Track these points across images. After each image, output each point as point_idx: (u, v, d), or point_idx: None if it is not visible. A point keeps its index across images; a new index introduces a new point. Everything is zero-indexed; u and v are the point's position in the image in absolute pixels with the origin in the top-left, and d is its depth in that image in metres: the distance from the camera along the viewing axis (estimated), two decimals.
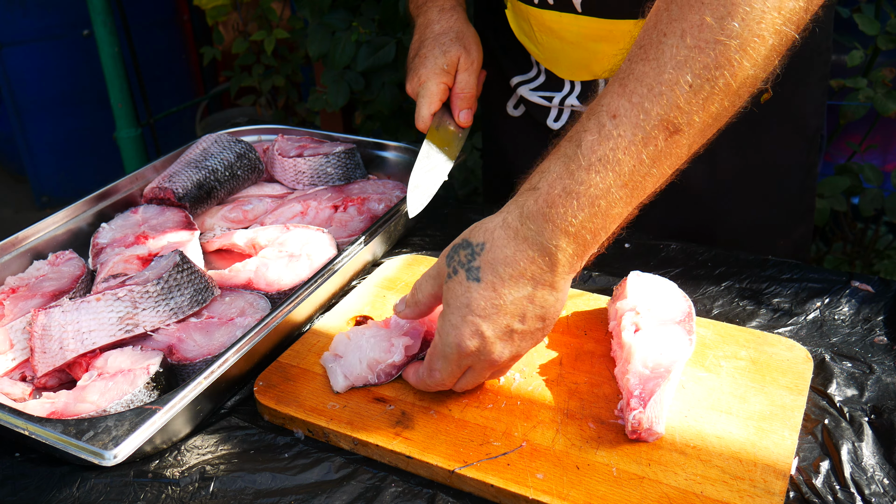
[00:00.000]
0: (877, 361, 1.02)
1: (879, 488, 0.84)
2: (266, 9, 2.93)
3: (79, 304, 1.01)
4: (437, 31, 1.32)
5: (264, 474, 0.88)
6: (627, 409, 0.88)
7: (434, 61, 1.28)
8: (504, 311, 0.85)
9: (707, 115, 0.79)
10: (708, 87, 0.77)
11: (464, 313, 0.86)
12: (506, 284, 0.84)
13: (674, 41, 0.77)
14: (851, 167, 2.23)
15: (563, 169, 0.82)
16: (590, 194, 0.81)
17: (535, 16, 1.29)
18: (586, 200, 0.81)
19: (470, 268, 0.86)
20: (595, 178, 0.80)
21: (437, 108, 1.29)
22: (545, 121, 1.42)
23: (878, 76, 2.06)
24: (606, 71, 1.29)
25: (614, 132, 0.80)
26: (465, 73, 1.28)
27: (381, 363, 0.97)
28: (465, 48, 1.29)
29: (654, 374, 0.90)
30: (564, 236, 0.82)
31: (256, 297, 1.10)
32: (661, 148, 0.80)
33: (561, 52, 1.31)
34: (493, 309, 0.85)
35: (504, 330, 0.86)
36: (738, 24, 0.75)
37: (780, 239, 1.43)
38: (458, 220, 1.41)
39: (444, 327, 0.88)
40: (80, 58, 3.63)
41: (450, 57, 1.28)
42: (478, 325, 0.85)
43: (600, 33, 1.24)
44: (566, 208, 0.81)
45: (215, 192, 1.39)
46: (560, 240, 0.82)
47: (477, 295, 0.85)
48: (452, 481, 0.86)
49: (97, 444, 0.84)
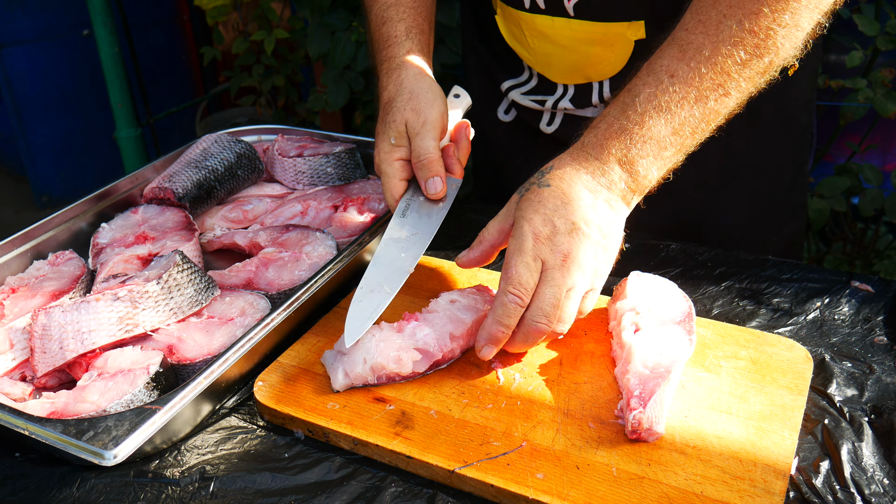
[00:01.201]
0: (877, 361, 1.02)
1: (879, 488, 0.84)
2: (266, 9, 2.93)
3: (79, 304, 1.01)
4: (385, 100, 1.19)
5: (264, 474, 0.88)
6: (627, 409, 0.88)
7: (384, 142, 1.16)
8: (570, 208, 0.95)
9: (751, 83, 0.95)
10: (755, 63, 0.94)
11: (536, 207, 0.96)
12: (572, 189, 0.96)
13: (732, 23, 0.93)
14: (851, 167, 2.23)
15: (620, 112, 0.97)
16: (642, 134, 0.95)
17: (526, 20, 1.29)
18: (639, 139, 0.95)
19: (540, 182, 0.98)
20: (648, 122, 0.95)
21: (403, 188, 1.15)
22: (538, 125, 1.41)
23: (878, 77, 2.06)
24: (599, 74, 1.29)
25: (671, 88, 0.95)
26: (417, 137, 1.13)
27: (386, 369, 0.96)
28: (412, 109, 1.14)
29: (654, 374, 0.90)
30: (618, 164, 0.96)
31: (256, 297, 1.10)
32: (710, 106, 0.95)
33: (553, 55, 1.31)
34: (562, 205, 0.95)
35: (571, 225, 0.94)
36: (787, 16, 0.92)
37: (772, 236, 1.44)
38: (458, 220, 1.41)
39: (518, 225, 0.96)
40: (80, 58, 3.63)
41: (396, 127, 1.14)
42: (549, 215, 0.95)
43: (593, 37, 1.24)
44: (621, 142, 0.96)
45: (215, 192, 1.39)
46: (614, 166, 0.97)
47: (547, 193, 0.96)
48: (452, 481, 0.86)
49: (97, 444, 0.84)
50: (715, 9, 0.94)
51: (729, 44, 0.93)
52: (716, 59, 0.94)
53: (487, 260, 1.05)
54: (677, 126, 0.95)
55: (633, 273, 1.07)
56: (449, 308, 1.03)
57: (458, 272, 1.21)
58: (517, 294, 0.93)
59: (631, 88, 0.98)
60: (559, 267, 0.93)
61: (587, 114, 1.34)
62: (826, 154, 2.41)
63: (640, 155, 0.96)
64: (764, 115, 1.30)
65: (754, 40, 0.93)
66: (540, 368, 1.00)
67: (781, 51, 0.94)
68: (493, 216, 1.03)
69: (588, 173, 0.97)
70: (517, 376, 0.98)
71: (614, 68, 1.27)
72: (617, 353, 0.99)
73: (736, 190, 1.37)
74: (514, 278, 0.93)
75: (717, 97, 0.95)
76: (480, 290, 1.10)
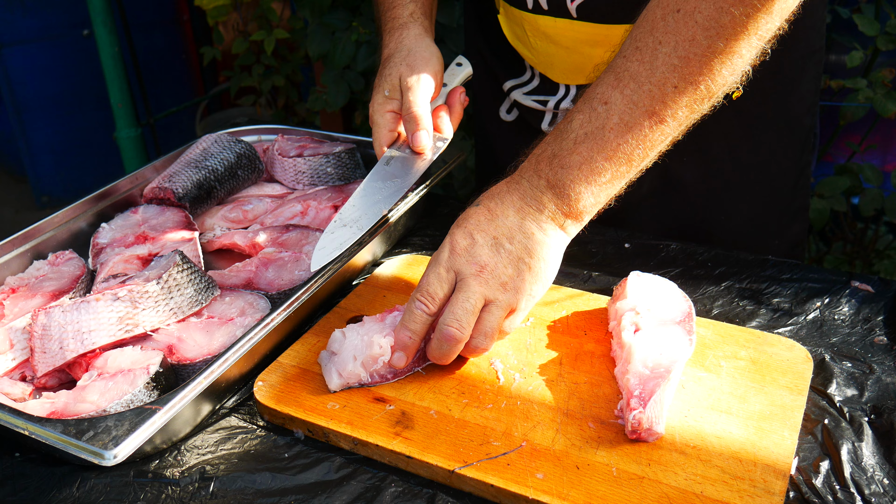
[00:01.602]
0: (877, 361, 1.02)
1: (879, 488, 0.84)
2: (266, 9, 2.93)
3: (79, 304, 1.01)
4: (384, 56, 1.24)
5: (264, 474, 0.88)
6: (627, 409, 0.88)
7: (379, 93, 1.21)
8: (494, 224, 0.96)
9: (688, 110, 0.92)
10: (691, 90, 0.90)
11: (459, 223, 0.97)
12: (499, 207, 0.97)
13: (667, 50, 0.89)
14: (851, 167, 2.23)
15: (553, 139, 0.96)
16: (572, 160, 0.94)
17: (528, 21, 1.29)
18: (569, 164, 0.94)
19: (472, 202, 0.99)
20: (580, 148, 0.93)
21: (392, 139, 1.21)
22: (539, 125, 1.41)
23: (878, 77, 2.06)
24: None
25: (604, 115, 0.92)
26: (409, 91, 1.17)
27: (376, 361, 0.96)
28: (408, 65, 1.19)
29: (654, 375, 0.90)
30: (549, 188, 0.95)
31: (256, 297, 1.10)
32: (645, 133, 0.92)
33: (555, 56, 1.31)
34: (485, 221, 0.96)
35: (492, 240, 0.95)
36: (722, 43, 0.87)
37: (774, 238, 1.44)
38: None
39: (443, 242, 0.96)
40: (80, 58, 3.63)
41: (391, 81, 1.19)
42: (469, 230, 0.96)
43: (596, 38, 1.24)
44: (552, 167, 0.95)
45: (215, 192, 1.39)
46: (545, 190, 0.96)
47: (473, 211, 0.97)
48: (452, 481, 0.86)
49: (97, 444, 0.84)
50: (651, 35, 0.91)
51: (663, 70, 0.90)
52: (649, 87, 0.90)
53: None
54: (610, 153, 0.93)
55: (633, 273, 1.07)
56: None
57: None
58: (423, 301, 0.94)
59: (567, 117, 0.96)
60: (474, 275, 0.94)
61: None
62: (826, 154, 2.42)
63: (571, 180, 0.94)
64: (768, 117, 1.30)
65: (688, 68, 0.89)
66: (540, 368, 1.00)
67: (718, 77, 0.90)
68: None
69: (519, 196, 0.97)
70: (517, 376, 0.98)
71: None
72: (617, 353, 0.99)
73: (740, 192, 1.37)
74: (423, 286, 0.95)
75: (651, 125, 0.91)
76: None
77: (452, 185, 2.60)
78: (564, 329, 1.07)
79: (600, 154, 0.93)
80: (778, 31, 0.91)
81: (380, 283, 1.19)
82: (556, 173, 0.95)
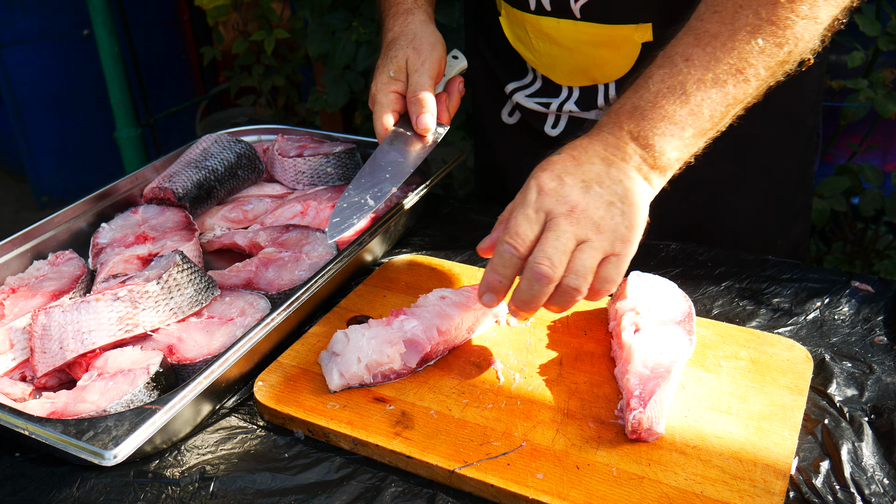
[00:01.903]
0: (877, 361, 1.02)
1: (879, 488, 0.84)
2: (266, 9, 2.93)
3: (79, 304, 1.01)
4: (389, 39, 1.25)
5: (264, 474, 0.88)
6: (627, 409, 0.88)
7: (382, 72, 1.21)
8: (582, 169, 0.93)
9: (769, 72, 0.94)
10: (775, 51, 0.93)
11: (544, 167, 0.94)
12: (584, 155, 0.94)
13: (749, 12, 0.92)
14: (851, 167, 2.23)
15: (633, 93, 0.96)
16: (655, 113, 0.93)
17: (531, 22, 1.28)
18: (652, 116, 0.93)
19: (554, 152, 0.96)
20: (661, 101, 0.93)
21: (394, 119, 1.20)
22: (542, 128, 1.41)
23: (879, 77, 2.06)
24: (605, 76, 1.28)
25: (684, 69, 0.93)
26: (415, 74, 1.18)
27: (381, 366, 0.96)
28: (414, 48, 1.20)
29: (654, 375, 0.90)
30: (632, 140, 0.94)
31: (256, 297, 1.10)
32: (729, 90, 0.93)
33: (558, 58, 1.30)
34: (572, 166, 0.93)
35: (583, 182, 0.92)
36: (805, 7, 0.92)
37: (778, 238, 1.43)
38: (458, 220, 1.41)
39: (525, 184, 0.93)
40: (80, 58, 3.64)
41: (397, 62, 1.20)
42: (558, 172, 0.93)
43: (600, 39, 1.23)
44: (633, 120, 0.94)
45: (215, 192, 1.39)
46: (628, 141, 0.94)
47: (556, 158, 0.95)
48: (452, 481, 0.86)
49: (97, 444, 0.84)
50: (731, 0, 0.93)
51: (746, 31, 0.92)
52: (733, 44, 0.92)
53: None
54: (694, 107, 0.93)
55: (634, 273, 1.07)
56: (438, 303, 1.03)
57: (458, 273, 1.21)
58: (512, 244, 0.91)
59: (645, 73, 0.97)
60: (565, 215, 0.90)
61: (592, 116, 1.34)
62: (826, 154, 2.42)
63: (655, 132, 0.93)
64: (773, 116, 1.30)
65: (772, 28, 0.92)
66: (540, 368, 1.00)
67: (800, 42, 0.93)
68: (494, 217, 1.03)
69: (602, 146, 0.95)
70: (517, 376, 0.98)
71: (620, 70, 1.26)
72: (616, 353, 0.99)
73: (744, 192, 1.37)
74: (512, 228, 0.91)
75: (735, 82, 0.93)
76: (475, 288, 1.10)
77: (452, 185, 2.59)
78: (564, 329, 1.07)
79: (683, 108, 0.93)
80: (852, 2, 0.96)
81: (380, 284, 1.19)
82: (638, 125, 0.94)
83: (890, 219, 2.17)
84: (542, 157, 0.98)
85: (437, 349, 1.00)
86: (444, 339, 1.01)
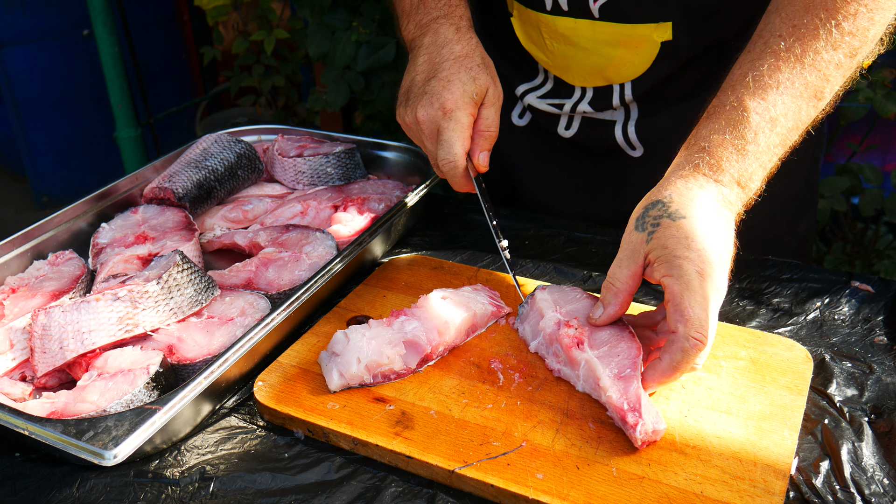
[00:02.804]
0: (877, 361, 1.02)
1: (879, 488, 0.84)
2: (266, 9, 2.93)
3: (79, 304, 1.01)
4: (459, 52, 1.15)
5: (264, 474, 0.88)
6: (628, 426, 0.86)
7: (463, 88, 1.11)
8: (714, 242, 0.90)
9: (841, 85, 0.96)
10: (851, 63, 0.95)
11: (688, 244, 0.89)
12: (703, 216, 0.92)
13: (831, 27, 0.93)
14: (851, 167, 2.23)
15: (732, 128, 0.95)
16: (757, 151, 0.94)
17: (545, 22, 1.26)
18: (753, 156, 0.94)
19: (670, 213, 0.92)
20: (760, 137, 0.94)
21: (468, 147, 1.13)
22: (555, 129, 1.39)
23: (878, 77, 2.06)
24: (621, 76, 1.27)
25: (778, 100, 0.94)
26: (492, 108, 1.14)
27: (381, 366, 0.96)
28: (493, 79, 1.15)
29: (626, 379, 0.89)
30: (736, 185, 0.95)
31: (256, 297, 1.10)
32: (809, 113, 0.96)
33: (573, 58, 1.28)
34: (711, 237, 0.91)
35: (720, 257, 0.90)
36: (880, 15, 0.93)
37: (787, 234, 1.43)
38: (458, 220, 1.41)
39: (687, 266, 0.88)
40: (80, 58, 3.64)
41: (479, 85, 1.13)
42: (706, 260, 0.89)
43: (618, 39, 1.22)
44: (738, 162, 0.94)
45: (215, 192, 1.39)
46: (733, 187, 0.95)
47: (693, 226, 0.90)
48: (452, 481, 0.86)
49: (97, 444, 0.84)
50: (809, 14, 0.93)
51: (830, 48, 0.93)
52: (819, 65, 0.93)
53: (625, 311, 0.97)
54: (784, 135, 0.95)
55: (538, 289, 1.06)
56: (439, 304, 1.03)
57: (458, 273, 1.21)
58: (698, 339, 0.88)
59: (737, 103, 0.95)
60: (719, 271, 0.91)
61: (607, 117, 1.33)
62: (826, 154, 2.41)
63: (754, 171, 0.95)
64: None
65: (853, 41, 0.93)
66: (540, 368, 1.00)
67: (867, 49, 0.95)
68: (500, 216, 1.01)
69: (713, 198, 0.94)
70: (517, 376, 0.98)
71: (637, 70, 1.25)
72: (564, 372, 0.97)
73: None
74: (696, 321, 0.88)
75: (815, 103, 0.95)
76: (477, 289, 1.10)
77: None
78: None
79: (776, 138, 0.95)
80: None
81: (380, 284, 1.19)
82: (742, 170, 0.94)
83: (890, 219, 2.17)
84: (554, 160, 0.95)
85: (437, 350, 1.00)
86: (445, 341, 1.01)
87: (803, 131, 0.98)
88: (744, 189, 0.96)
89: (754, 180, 0.96)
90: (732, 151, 0.94)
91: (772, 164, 0.97)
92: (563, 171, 1.45)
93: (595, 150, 1.39)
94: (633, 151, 1.35)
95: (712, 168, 0.95)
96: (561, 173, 1.45)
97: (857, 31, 0.93)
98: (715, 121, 0.97)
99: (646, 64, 1.24)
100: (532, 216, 1.40)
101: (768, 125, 0.94)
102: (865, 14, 0.92)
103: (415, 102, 1.13)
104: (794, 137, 0.97)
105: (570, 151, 1.42)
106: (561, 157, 1.43)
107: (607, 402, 0.90)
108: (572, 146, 1.40)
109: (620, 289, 0.95)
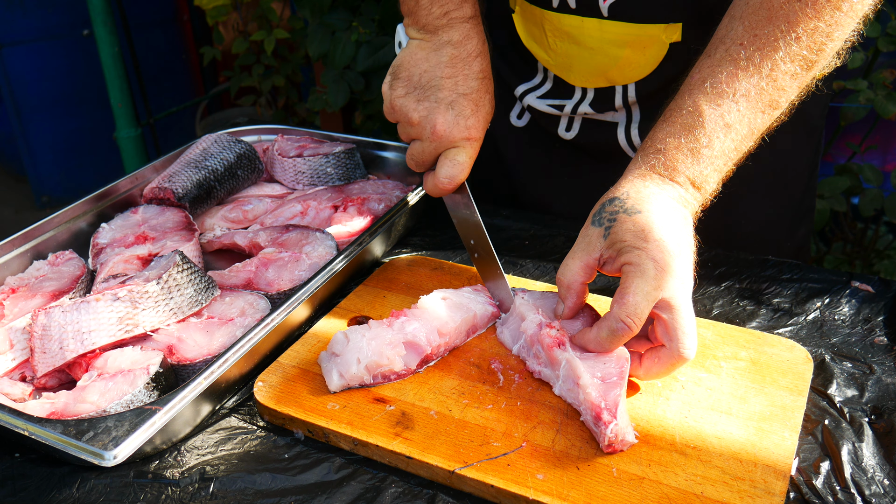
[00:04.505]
0: (877, 362, 1.01)
1: (879, 489, 0.84)
2: (266, 9, 2.93)
3: (79, 304, 1.01)
4: (477, 70, 1.12)
5: (264, 474, 0.88)
6: (601, 424, 0.86)
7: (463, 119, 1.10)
8: (670, 234, 0.91)
9: (795, 95, 0.98)
10: (805, 76, 0.97)
11: (645, 236, 0.90)
12: (663, 213, 0.92)
13: (790, 40, 0.94)
14: (851, 167, 2.23)
15: (687, 132, 0.96)
16: (712, 154, 0.96)
17: (550, 20, 1.25)
18: (708, 159, 0.96)
19: (626, 209, 0.93)
20: (715, 142, 0.96)
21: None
22: (555, 130, 1.38)
23: (879, 78, 2.07)
24: (625, 77, 1.26)
25: (734, 107, 0.96)
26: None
27: (381, 367, 0.96)
28: (485, 121, 1.14)
29: (609, 384, 0.89)
30: (691, 185, 0.96)
31: (256, 297, 1.10)
32: (764, 120, 0.98)
33: (576, 58, 1.27)
34: (667, 229, 0.92)
35: (679, 248, 0.91)
36: (839, 31, 0.95)
37: (786, 239, 1.42)
38: None
39: (643, 256, 0.89)
40: (80, 58, 3.64)
41: (481, 117, 1.12)
42: (666, 249, 0.90)
43: (626, 38, 1.21)
44: (693, 164, 0.96)
45: (215, 192, 1.39)
46: (688, 187, 0.96)
47: (649, 220, 0.91)
48: (452, 482, 0.86)
49: (97, 445, 0.84)
50: (770, 25, 0.95)
51: (788, 60, 0.95)
52: (776, 76, 0.95)
53: (583, 300, 1.00)
54: (738, 142, 0.97)
55: (518, 294, 1.05)
56: (439, 304, 1.03)
57: (458, 273, 1.21)
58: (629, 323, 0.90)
59: (694, 108, 0.97)
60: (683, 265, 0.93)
61: (608, 119, 1.32)
62: (826, 154, 2.42)
63: (709, 174, 0.97)
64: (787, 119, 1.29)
65: (810, 55, 0.95)
66: None
67: (824, 62, 0.97)
68: (496, 218, 1.01)
69: (668, 196, 0.95)
70: (517, 377, 0.98)
71: (643, 71, 1.24)
72: (545, 373, 0.97)
73: (757, 195, 1.36)
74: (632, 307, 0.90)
75: (770, 112, 0.97)
76: (477, 289, 1.10)
77: None
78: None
79: (731, 144, 0.96)
80: (873, 5, 0.99)
81: (380, 284, 1.19)
82: (697, 171, 0.96)
83: (890, 219, 2.17)
84: (554, 161, 0.96)
85: (437, 351, 1.00)
86: (445, 341, 1.01)
87: (758, 138, 0.99)
88: (699, 190, 0.97)
89: (710, 182, 0.97)
90: (687, 154, 0.96)
91: (727, 169, 0.98)
92: (563, 172, 1.45)
93: (596, 152, 1.38)
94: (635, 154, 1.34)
95: (668, 168, 0.96)
96: (561, 174, 1.45)
97: (814, 45, 0.95)
98: (671, 124, 0.98)
99: (652, 65, 1.23)
100: (532, 216, 1.40)
101: (723, 131, 0.96)
102: (824, 30, 0.94)
103: (414, 100, 1.10)
104: (749, 144, 0.98)
105: (572, 153, 1.41)
106: (562, 158, 1.43)
107: (584, 401, 0.89)
108: (573, 148, 1.40)
109: (572, 280, 0.97)
